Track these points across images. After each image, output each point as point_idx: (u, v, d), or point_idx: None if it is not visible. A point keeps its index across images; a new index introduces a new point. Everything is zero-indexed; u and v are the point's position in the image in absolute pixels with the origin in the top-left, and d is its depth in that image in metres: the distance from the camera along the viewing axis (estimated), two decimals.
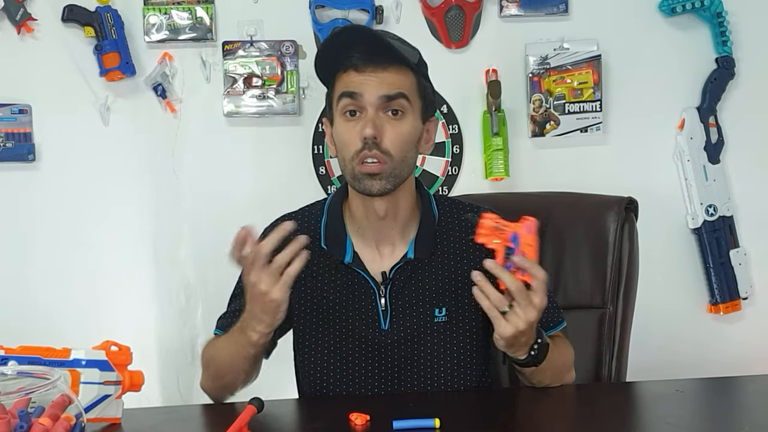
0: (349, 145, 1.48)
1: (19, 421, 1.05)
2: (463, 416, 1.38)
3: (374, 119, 1.46)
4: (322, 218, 1.59)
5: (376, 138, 1.45)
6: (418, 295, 1.54)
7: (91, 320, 2.24)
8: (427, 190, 1.63)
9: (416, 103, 1.51)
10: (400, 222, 1.55)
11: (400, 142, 1.48)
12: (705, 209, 2.37)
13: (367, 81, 1.47)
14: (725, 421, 1.41)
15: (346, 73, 1.49)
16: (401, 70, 1.49)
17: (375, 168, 1.46)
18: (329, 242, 1.56)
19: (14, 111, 2.25)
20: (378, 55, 1.47)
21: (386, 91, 1.47)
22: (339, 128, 1.51)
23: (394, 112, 1.48)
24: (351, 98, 1.48)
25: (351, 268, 1.54)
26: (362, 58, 1.47)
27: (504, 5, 2.33)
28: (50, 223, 2.29)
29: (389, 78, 1.47)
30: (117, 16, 2.24)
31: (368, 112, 1.47)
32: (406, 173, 1.51)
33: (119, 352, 1.35)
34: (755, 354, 2.32)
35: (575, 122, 2.33)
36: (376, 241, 1.55)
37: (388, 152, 1.47)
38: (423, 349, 1.53)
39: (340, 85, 1.50)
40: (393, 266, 1.53)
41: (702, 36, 2.37)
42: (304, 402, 1.57)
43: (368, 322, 1.53)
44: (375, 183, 1.47)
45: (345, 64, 1.49)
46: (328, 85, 1.54)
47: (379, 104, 1.47)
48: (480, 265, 1.54)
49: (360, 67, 1.47)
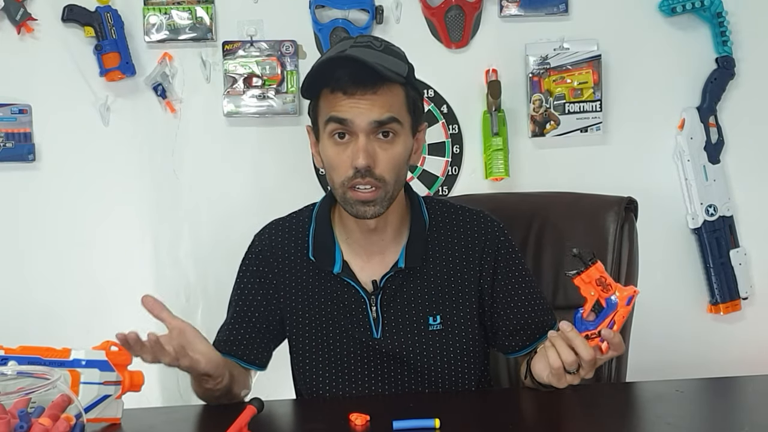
0: (339, 170, 1.44)
1: (19, 421, 1.05)
2: (463, 416, 1.38)
3: (366, 147, 1.41)
4: (311, 227, 1.56)
5: (369, 167, 1.41)
6: (410, 303, 1.53)
7: (91, 320, 2.24)
8: (416, 195, 1.59)
9: (407, 120, 1.46)
10: (391, 230, 1.53)
11: (392, 166, 1.44)
12: (705, 209, 2.37)
13: (357, 106, 1.41)
14: (725, 421, 1.41)
15: (333, 95, 1.42)
16: (391, 89, 1.43)
17: (369, 195, 1.43)
18: (317, 253, 1.53)
19: (14, 111, 2.25)
20: (366, 77, 1.40)
21: (377, 116, 1.41)
22: (328, 151, 1.46)
23: (385, 134, 1.43)
24: (340, 123, 1.42)
25: (340, 278, 1.52)
26: (350, 81, 1.40)
27: (504, 5, 2.33)
28: (50, 223, 2.29)
29: (379, 101, 1.41)
30: (117, 16, 2.24)
31: (359, 138, 1.42)
32: (398, 192, 1.49)
33: (119, 352, 1.35)
34: (755, 354, 2.32)
35: (575, 122, 2.33)
36: (366, 249, 1.53)
37: (382, 178, 1.43)
38: (418, 357, 1.52)
39: (327, 107, 1.44)
40: (384, 275, 1.52)
41: (702, 36, 2.37)
42: (304, 402, 1.57)
43: (360, 331, 1.52)
44: (369, 209, 1.44)
45: (331, 84, 1.42)
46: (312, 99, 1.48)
47: (370, 130, 1.42)
48: (472, 271, 1.54)
49: (349, 89, 1.40)
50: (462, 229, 1.57)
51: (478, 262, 1.55)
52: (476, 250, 1.56)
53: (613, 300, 1.33)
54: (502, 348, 1.60)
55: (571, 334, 1.34)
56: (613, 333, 1.33)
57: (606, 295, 1.34)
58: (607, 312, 1.34)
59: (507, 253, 1.58)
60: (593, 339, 1.34)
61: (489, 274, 1.55)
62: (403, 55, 1.49)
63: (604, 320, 1.34)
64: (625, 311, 1.33)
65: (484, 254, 1.55)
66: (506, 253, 1.57)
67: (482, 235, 1.56)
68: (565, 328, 1.34)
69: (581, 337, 1.34)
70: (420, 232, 1.54)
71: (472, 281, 1.54)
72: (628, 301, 1.33)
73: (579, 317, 1.36)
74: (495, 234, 1.57)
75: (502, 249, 1.57)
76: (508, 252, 1.58)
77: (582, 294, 1.36)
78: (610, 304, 1.33)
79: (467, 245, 1.56)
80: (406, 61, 1.49)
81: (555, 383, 1.39)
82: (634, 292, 1.34)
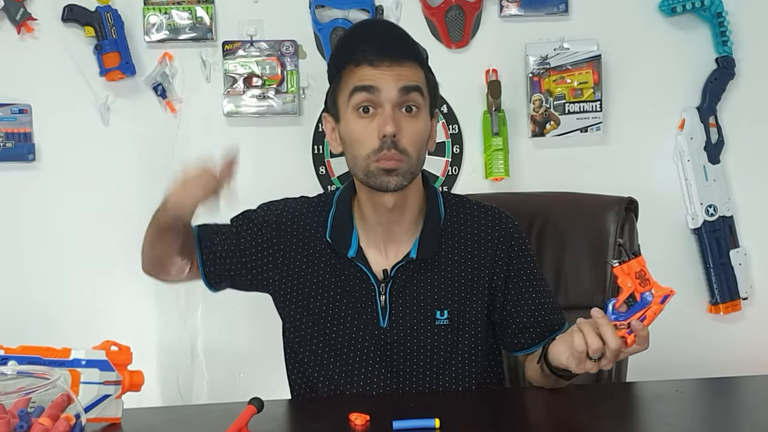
0: (365, 143, 1.45)
1: (19, 421, 1.05)
2: (463, 416, 1.38)
3: (393, 116, 1.43)
4: (331, 210, 1.57)
5: (395, 136, 1.42)
6: (419, 296, 1.53)
7: (91, 320, 2.24)
8: (434, 187, 1.60)
9: (427, 99, 1.49)
10: (408, 217, 1.54)
11: (416, 140, 1.46)
12: (705, 209, 2.37)
13: (384, 75, 1.43)
14: (725, 422, 1.41)
15: (359, 67, 1.44)
16: (414, 65, 1.46)
17: (393, 164, 1.44)
18: (335, 235, 1.54)
19: (14, 111, 2.25)
20: (392, 48, 1.44)
21: (404, 83, 1.44)
22: (352, 125, 1.46)
23: (409, 109, 1.45)
24: (367, 92, 1.44)
25: (353, 263, 1.53)
26: (376, 52, 1.43)
27: (504, 5, 2.33)
28: (50, 223, 2.29)
29: (405, 72, 1.44)
30: (117, 15, 2.24)
31: (386, 108, 1.43)
32: (419, 171, 1.50)
33: (119, 352, 1.35)
34: (755, 354, 2.32)
35: (575, 122, 2.33)
36: (382, 237, 1.54)
37: (406, 151, 1.44)
38: (422, 350, 1.53)
39: (353, 79, 1.45)
40: (395, 264, 1.52)
41: (702, 36, 2.37)
42: (304, 402, 1.57)
43: (367, 318, 1.53)
44: (392, 179, 1.45)
45: (357, 58, 1.44)
46: (335, 80, 1.50)
47: (396, 99, 1.44)
48: (485, 268, 1.54)
49: (375, 61, 1.43)
50: (477, 225, 1.57)
51: (492, 259, 1.55)
52: (490, 247, 1.56)
53: (647, 296, 1.33)
54: (509, 346, 1.59)
55: (602, 321, 1.33)
56: (643, 326, 1.33)
57: (642, 290, 1.33)
58: (639, 306, 1.33)
59: (521, 251, 1.58)
60: (621, 330, 1.33)
61: (503, 270, 1.55)
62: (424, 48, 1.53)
63: (636, 313, 1.33)
64: (657, 308, 1.33)
65: (498, 251, 1.56)
66: (520, 250, 1.58)
67: (497, 232, 1.57)
68: (596, 315, 1.34)
69: (611, 326, 1.33)
70: (435, 224, 1.55)
71: (484, 278, 1.55)
72: (662, 300, 1.33)
73: (611, 307, 1.35)
74: (510, 231, 1.58)
75: (515, 246, 1.57)
76: (521, 250, 1.58)
77: (618, 284, 1.35)
78: (644, 299, 1.33)
79: (481, 241, 1.56)
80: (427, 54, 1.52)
81: (573, 367, 1.37)
82: (671, 292, 1.34)
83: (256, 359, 2.28)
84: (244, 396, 1.28)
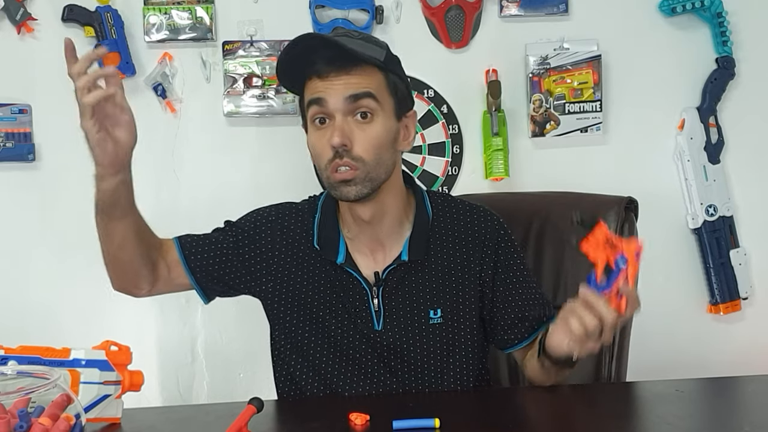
0: (321, 154, 1.46)
1: (18, 421, 1.05)
2: (463, 416, 1.38)
3: (342, 127, 1.44)
4: (316, 216, 1.58)
5: (345, 145, 1.43)
6: (411, 296, 1.53)
7: (91, 320, 2.24)
8: (420, 188, 1.61)
9: (387, 101, 1.48)
10: (390, 224, 1.54)
11: (371, 146, 1.45)
12: (705, 209, 2.37)
13: (332, 85, 1.44)
14: (725, 422, 1.41)
15: (311, 81, 1.47)
16: (366, 71, 1.45)
17: (348, 174, 1.44)
18: (322, 242, 1.55)
19: (14, 111, 2.25)
20: (340, 58, 1.44)
21: (352, 91, 1.44)
22: (311, 137, 1.49)
23: (363, 115, 1.45)
24: (318, 105, 1.45)
25: (343, 269, 1.53)
26: (324, 63, 1.44)
27: (504, 5, 2.33)
28: (50, 223, 2.29)
29: (354, 79, 1.44)
30: (117, 15, 2.24)
31: (335, 119, 1.44)
32: (383, 175, 1.49)
33: (119, 351, 1.35)
34: (755, 354, 2.32)
35: (575, 122, 2.34)
36: (368, 243, 1.54)
37: (360, 158, 1.44)
38: (418, 350, 1.53)
39: (307, 93, 1.48)
40: (386, 267, 1.52)
41: (702, 36, 2.37)
42: (304, 402, 1.57)
43: (361, 323, 1.53)
44: (351, 189, 1.45)
45: (308, 71, 1.46)
46: (300, 94, 1.52)
47: (345, 108, 1.44)
48: (473, 265, 1.54)
49: (322, 73, 1.44)
50: (463, 224, 1.58)
51: (479, 256, 1.56)
52: (477, 245, 1.57)
53: (621, 260, 1.32)
54: (500, 343, 1.60)
55: (593, 298, 1.33)
56: (630, 289, 1.32)
57: (614, 256, 1.32)
58: (617, 271, 1.32)
59: (507, 247, 1.59)
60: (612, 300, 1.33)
61: (490, 267, 1.56)
62: (383, 44, 1.51)
63: (617, 278, 1.32)
64: (635, 267, 1.32)
65: (485, 248, 1.56)
66: (506, 247, 1.59)
67: (483, 230, 1.58)
68: (585, 293, 1.34)
69: (602, 299, 1.33)
70: (423, 225, 1.55)
71: (473, 275, 1.55)
72: (636, 256, 1.32)
73: (593, 280, 1.34)
74: (495, 228, 1.58)
75: (502, 243, 1.58)
76: (507, 246, 1.59)
77: (591, 260, 1.34)
78: (618, 264, 1.32)
79: (468, 239, 1.57)
80: (387, 50, 1.50)
81: (577, 351, 1.38)
82: (640, 246, 1.32)
83: (256, 359, 2.28)
84: (244, 396, 1.28)
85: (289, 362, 1.58)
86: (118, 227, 1.51)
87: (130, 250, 1.52)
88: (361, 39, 1.49)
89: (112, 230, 1.51)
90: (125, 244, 1.51)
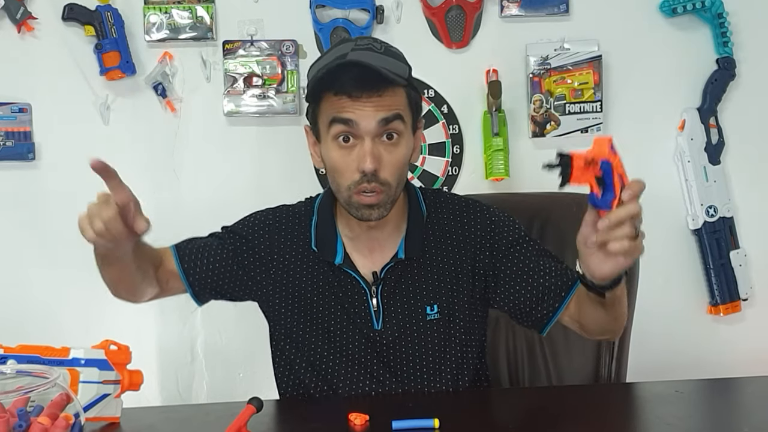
0: (345, 173, 1.44)
1: (18, 420, 1.05)
2: (463, 416, 1.38)
3: (373, 152, 1.42)
4: (313, 218, 1.58)
5: (376, 170, 1.42)
6: (409, 294, 1.54)
7: (91, 320, 2.24)
8: (414, 187, 1.61)
9: (409, 119, 1.47)
10: (390, 225, 1.54)
11: (396, 169, 1.45)
12: (705, 210, 2.37)
13: (363, 108, 1.41)
14: (725, 422, 1.41)
15: (337, 97, 1.42)
16: (394, 91, 1.43)
17: (374, 199, 1.44)
18: (319, 244, 1.55)
19: (14, 110, 2.25)
20: (371, 81, 1.40)
21: (384, 114, 1.41)
22: (332, 154, 1.46)
23: (389, 137, 1.44)
24: (345, 125, 1.42)
25: (342, 269, 1.53)
26: (355, 84, 1.40)
27: (504, 5, 2.33)
28: (50, 222, 2.29)
29: (384, 103, 1.42)
30: (117, 15, 2.24)
31: (365, 141, 1.42)
32: (399, 193, 1.49)
33: (118, 351, 1.35)
34: (755, 355, 2.32)
35: (576, 123, 2.33)
36: (366, 244, 1.55)
37: (387, 182, 1.44)
38: (416, 347, 1.53)
39: (331, 109, 1.43)
40: (384, 266, 1.53)
41: (703, 37, 2.37)
42: (304, 402, 1.57)
43: (361, 322, 1.53)
44: (373, 212, 1.45)
45: (335, 87, 1.42)
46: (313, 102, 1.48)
47: (376, 131, 1.42)
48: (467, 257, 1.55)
49: (353, 93, 1.40)
50: (456, 219, 1.58)
51: (472, 248, 1.56)
52: (469, 236, 1.57)
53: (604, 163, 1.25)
54: (535, 323, 1.55)
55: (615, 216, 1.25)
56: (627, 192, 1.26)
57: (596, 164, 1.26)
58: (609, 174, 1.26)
59: (502, 231, 1.57)
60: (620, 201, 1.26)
61: (486, 256, 1.55)
62: (402, 57, 1.50)
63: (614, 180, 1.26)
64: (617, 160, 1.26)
65: (478, 238, 1.56)
66: (501, 231, 1.57)
67: (473, 221, 1.58)
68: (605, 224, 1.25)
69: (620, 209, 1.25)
70: (419, 223, 1.56)
71: (467, 269, 1.55)
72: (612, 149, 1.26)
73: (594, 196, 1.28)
74: (485, 216, 1.58)
75: (495, 228, 1.57)
76: (502, 230, 1.57)
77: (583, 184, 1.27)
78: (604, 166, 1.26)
79: (461, 234, 1.57)
80: (406, 62, 1.49)
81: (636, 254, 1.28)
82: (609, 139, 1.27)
83: (255, 359, 2.28)
84: (244, 396, 1.28)
85: (289, 359, 1.58)
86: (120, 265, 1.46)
87: (131, 275, 1.49)
88: (383, 52, 1.45)
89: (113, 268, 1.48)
90: (125, 274, 1.48)
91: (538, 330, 1.57)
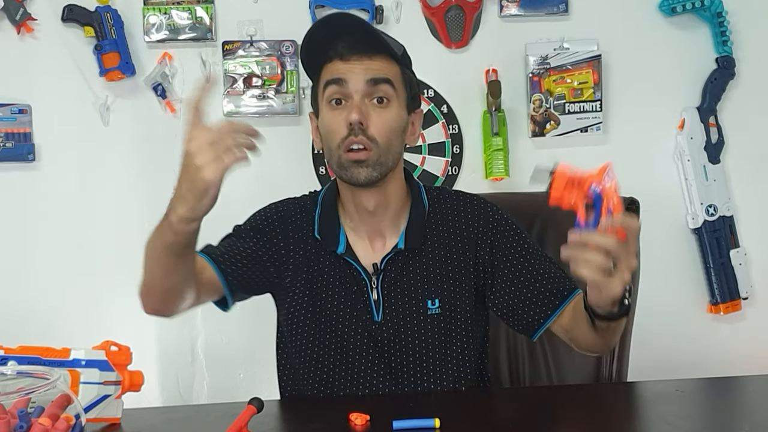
0: (336, 132, 1.48)
1: (18, 421, 1.05)
2: (463, 416, 1.38)
3: (360, 105, 1.47)
4: (316, 209, 1.60)
5: (362, 123, 1.46)
6: (410, 287, 1.54)
7: (91, 320, 2.24)
8: (416, 180, 1.63)
9: (401, 92, 1.52)
10: (391, 214, 1.55)
11: (385, 129, 1.48)
12: (705, 209, 2.37)
13: (353, 68, 1.48)
14: (725, 421, 1.41)
15: (331, 63, 1.50)
16: (386, 59, 1.50)
17: (361, 155, 1.47)
18: (323, 233, 1.56)
19: (14, 111, 2.25)
20: (363, 44, 1.49)
21: (372, 75, 1.48)
22: (325, 117, 1.51)
23: (380, 100, 1.49)
24: (337, 85, 1.48)
25: (343, 259, 1.54)
26: (347, 47, 1.48)
27: (504, 5, 2.33)
28: (50, 223, 2.29)
29: (374, 65, 1.49)
30: (117, 15, 2.24)
31: (354, 99, 1.48)
32: (392, 162, 1.51)
33: (119, 352, 1.35)
34: (755, 354, 2.32)
35: (575, 122, 2.34)
36: (367, 234, 1.56)
37: (374, 139, 1.47)
38: (417, 342, 1.53)
39: (326, 75, 1.51)
40: (384, 257, 1.53)
41: (702, 36, 2.37)
42: (304, 402, 1.57)
43: (361, 313, 1.53)
44: (362, 171, 1.47)
45: (330, 54, 1.50)
46: (314, 78, 1.55)
47: (365, 90, 1.48)
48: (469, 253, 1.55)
49: (345, 55, 1.49)
50: (458, 214, 1.59)
51: (474, 244, 1.56)
52: (472, 232, 1.57)
53: (595, 188, 1.23)
54: (526, 327, 1.55)
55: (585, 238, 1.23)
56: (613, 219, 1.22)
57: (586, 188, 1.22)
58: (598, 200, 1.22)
59: (504, 233, 1.57)
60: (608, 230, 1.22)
61: (487, 253, 1.56)
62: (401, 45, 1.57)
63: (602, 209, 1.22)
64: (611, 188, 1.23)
65: (481, 235, 1.57)
66: (503, 232, 1.58)
67: (476, 218, 1.58)
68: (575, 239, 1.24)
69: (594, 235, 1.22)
70: (420, 215, 1.57)
71: (469, 264, 1.55)
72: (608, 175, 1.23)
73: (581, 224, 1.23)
74: (489, 214, 1.59)
75: (498, 228, 1.58)
76: (504, 231, 1.58)
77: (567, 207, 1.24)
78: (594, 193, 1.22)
79: (463, 228, 1.58)
80: (404, 49, 1.56)
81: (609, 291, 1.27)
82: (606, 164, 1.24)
83: (256, 359, 2.28)
84: (244, 396, 1.28)
85: (292, 353, 1.58)
86: (186, 263, 1.43)
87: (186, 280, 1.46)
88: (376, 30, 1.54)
89: (178, 267, 1.43)
90: (186, 278, 1.46)
91: (528, 335, 1.57)
